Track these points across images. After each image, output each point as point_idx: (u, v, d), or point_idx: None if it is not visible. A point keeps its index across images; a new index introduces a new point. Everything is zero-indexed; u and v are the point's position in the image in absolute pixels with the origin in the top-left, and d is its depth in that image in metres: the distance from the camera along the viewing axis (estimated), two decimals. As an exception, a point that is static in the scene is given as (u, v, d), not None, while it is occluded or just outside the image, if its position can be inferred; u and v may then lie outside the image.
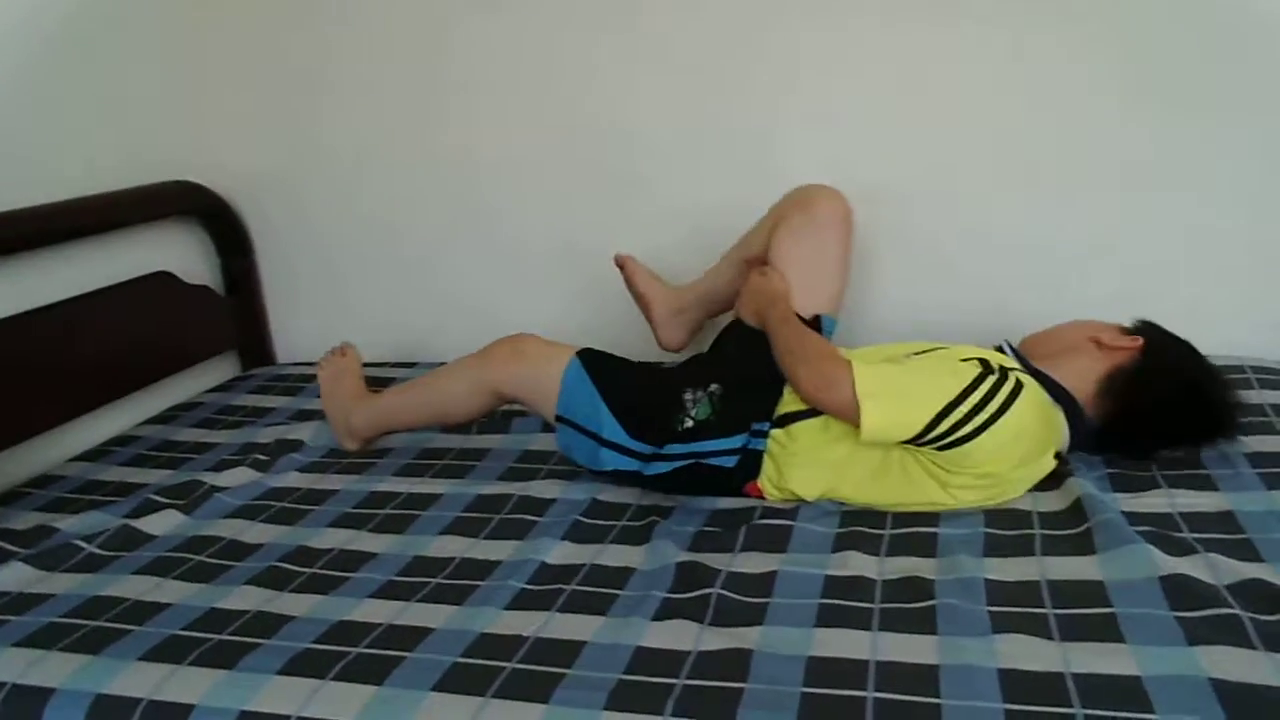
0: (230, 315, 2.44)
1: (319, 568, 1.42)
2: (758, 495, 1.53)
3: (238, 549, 1.50)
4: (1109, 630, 1.10)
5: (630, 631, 1.18)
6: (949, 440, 1.36)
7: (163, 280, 2.23)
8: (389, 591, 1.33)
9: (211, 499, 1.67)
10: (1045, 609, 1.16)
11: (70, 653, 1.22)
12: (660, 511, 1.51)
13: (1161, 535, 1.28)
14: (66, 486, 1.82)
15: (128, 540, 1.54)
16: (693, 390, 1.57)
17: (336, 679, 1.12)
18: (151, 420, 2.15)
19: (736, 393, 1.56)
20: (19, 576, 1.43)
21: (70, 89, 2.05)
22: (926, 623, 1.15)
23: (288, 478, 1.77)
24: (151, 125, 2.28)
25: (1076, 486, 1.43)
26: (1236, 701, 0.96)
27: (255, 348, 2.51)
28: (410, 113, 2.29)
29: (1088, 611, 1.14)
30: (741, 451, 1.52)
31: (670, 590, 1.26)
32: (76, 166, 2.05)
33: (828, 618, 1.18)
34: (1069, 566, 1.25)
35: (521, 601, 1.27)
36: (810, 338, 1.57)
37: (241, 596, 1.34)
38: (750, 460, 1.52)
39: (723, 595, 1.24)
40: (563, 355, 1.62)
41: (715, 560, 1.33)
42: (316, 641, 1.21)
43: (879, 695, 1.03)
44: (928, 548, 1.33)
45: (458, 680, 1.11)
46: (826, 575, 1.27)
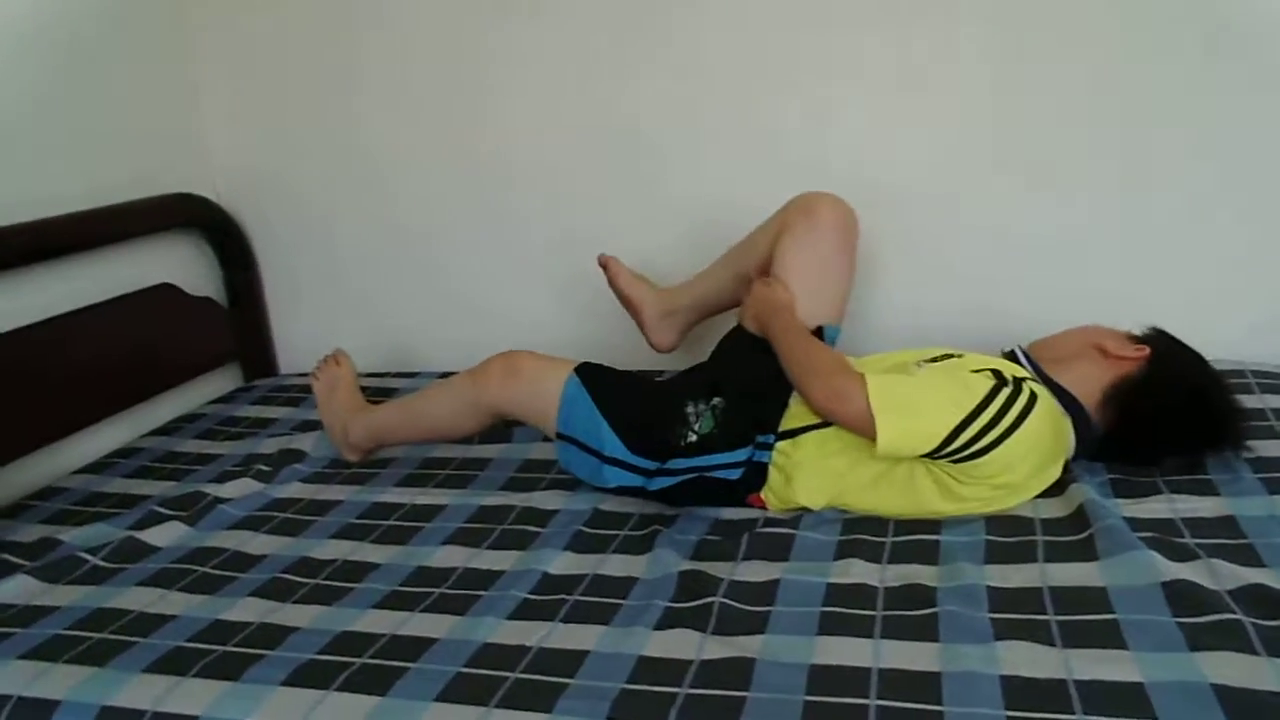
0: (233, 327, 2.45)
1: (322, 579, 1.42)
2: (760, 506, 1.53)
3: (241, 560, 1.50)
4: (1111, 636, 1.10)
5: (633, 641, 1.18)
6: (965, 454, 1.36)
7: (166, 292, 2.24)
8: (392, 602, 1.33)
9: (215, 510, 1.67)
10: (1047, 615, 1.16)
11: (75, 665, 1.22)
12: (662, 521, 1.51)
13: (1163, 541, 1.28)
14: (70, 498, 1.82)
15: (131, 552, 1.54)
16: (695, 403, 1.56)
17: (340, 690, 1.13)
18: (154, 432, 2.16)
19: (739, 405, 1.56)
20: (24, 589, 1.43)
21: (73, 103, 2.06)
22: (928, 630, 1.15)
23: (290, 488, 1.77)
24: (154, 138, 2.29)
25: (1078, 492, 1.43)
26: (1239, 707, 0.96)
27: (258, 359, 2.51)
28: (410, 123, 2.30)
29: (1090, 618, 1.14)
30: (746, 464, 1.52)
31: (672, 599, 1.27)
32: (80, 180, 2.06)
33: (830, 626, 1.18)
34: (1071, 573, 1.25)
35: (524, 611, 1.28)
36: (820, 349, 1.56)
37: (245, 608, 1.34)
38: (754, 472, 1.52)
39: (725, 604, 1.24)
40: (559, 371, 1.61)
41: (717, 569, 1.33)
42: (320, 653, 1.21)
43: (881, 703, 1.03)
44: (929, 555, 1.33)
45: (461, 690, 1.11)
46: (828, 583, 1.28)
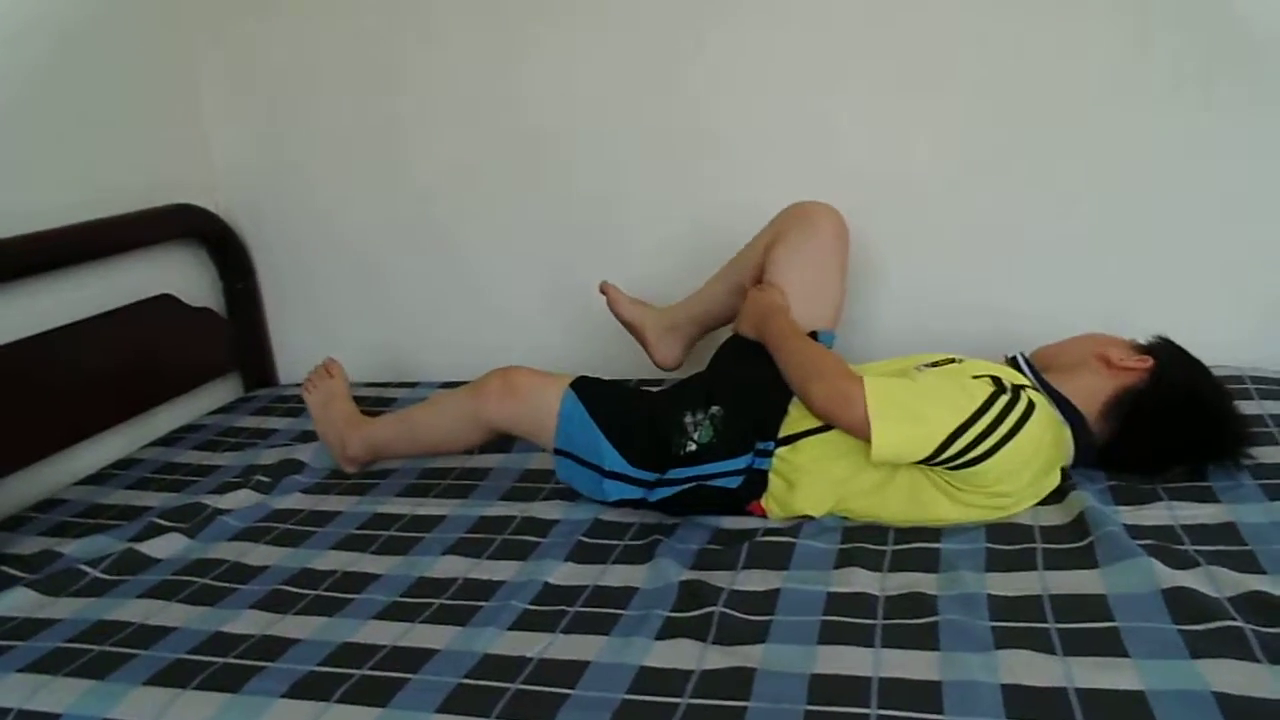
0: (232, 337, 2.45)
1: (323, 590, 1.42)
2: (760, 514, 1.53)
3: (241, 571, 1.50)
4: (1112, 644, 1.10)
5: (633, 651, 1.18)
6: (961, 461, 1.36)
7: (164, 303, 2.24)
8: (392, 613, 1.33)
9: (215, 521, 1.68)
10: (1047, 623, 1.16)
11: (75, 678, 1.22)
12: (662, 530, 1.51)
13: (1163, 548, 1.28)
14: (70, 510, 1.82)
15: (131, 564, 1.54)
16: (693, 413, 1.56)
17: (341, 701, 1.13)
18: (154, 443, 2.15)
19: (738, 413, 1.55)
20: (23, 601, 1.43)
21: (72, 114, 2.06)
22: (929, 639, 1.15)
23: (290, 499, 1.77)
24: (154, 149, 2.29)
25: (1078, 500, 1.43)
26: (1239, 715, 0.96)
27: (257, 369, 2.51)
28: (409, 135, 2.31)
29: (1090, 626, 1.14)
30: (746, 472, 1.52)
31: (673, 609, 1.27)
32: (79, 191, 2.06)
33: (830, 635, 1.18)
34: (1071, 580, 1.25)
35: (525, 622, 1.28)
36: (820, 352, 1.56)
37: (245, 620, 1.34)
38: (755, 480, 1.52)
39: (725, 613, 1.24)
40: (556, 387, 1.61)
41: (718, 578, 1.33)
42: (321, 664, 1.21)
43: (882, 712, 1.03)
44: (929, 563, 1.33)
45: (462, 701, 1.11)
46: (829, 592, 1.27)
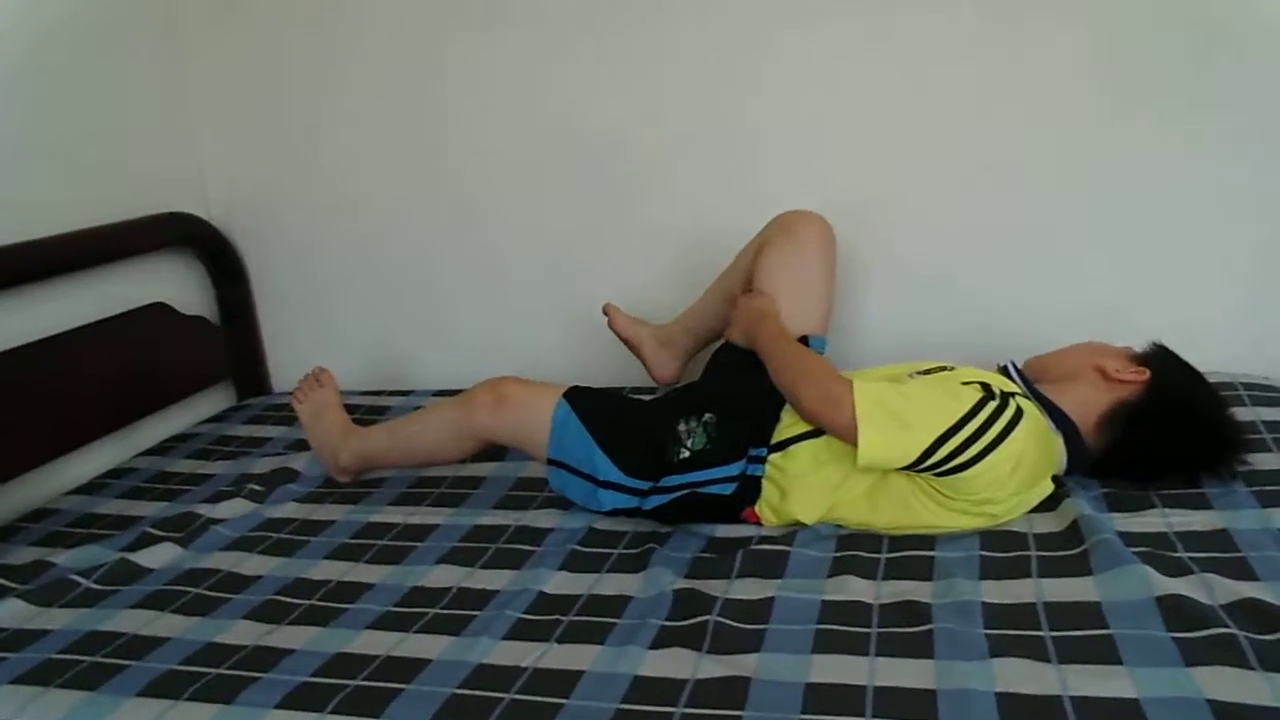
0: (225, 346, 2.45)
1: (316, 599, 1.42)
2: (755, 522, 1.53)
3: (235, 581, 1.50)
4: (1106, 652, 1.10)
5: (628, 660, 1.17)
6: (946, 467, 1.35)
7: (158, 311, 2.24)
8: (386, 623, 1.33)
9: (208, 531, 1.67)
10: (1042, 631, 1.16)
11: (68, 689, 1.21)
12: (657, 539, 1.51)
13: (1157, 555, 1.29)
14: (63, 520, 1.81)
15: (125, 574, 1.53)
16: (686, 421, 1.56)
17: (335, 712, 1.12)
18: (147, 452, 2.15)
19: (731, 419, 1.56)
20: (15, 612, 1.42)
21: (64, 123, 2.06)
22: (924, 647, 1.15)
23: (284, 508, 1.76)
24: (146, 157, 2.29)
25: (1072, 507, 1.43)
26: (1234, 722, 0.96)
27: (251, 378, 2.51)
28: (402, 144, 2.31)
29: (1085, 633, 1.14)
30: (740, 479, 1.52)
31: (667, 618, 1.26)
32: (71, 200, 2.05)
33: (825, 643, 1.18)
34: (1065, 588, 1.25)
35: (519, 631, 1.27)
36: (810, 357, 1.57)
37: (239, 630, 1.34)
38: (748, 486, 1.52)
39: (720, 622, 1.24)
40: (548, 397, 1.61)
41: (712, 587, 1.33)
42: (315, 674, 1.20)
43: (877, 721, 1.03)
44: (924, 571, 1.34)
45: (456, 711, 1.11)
46: (823, 600, 1.27)
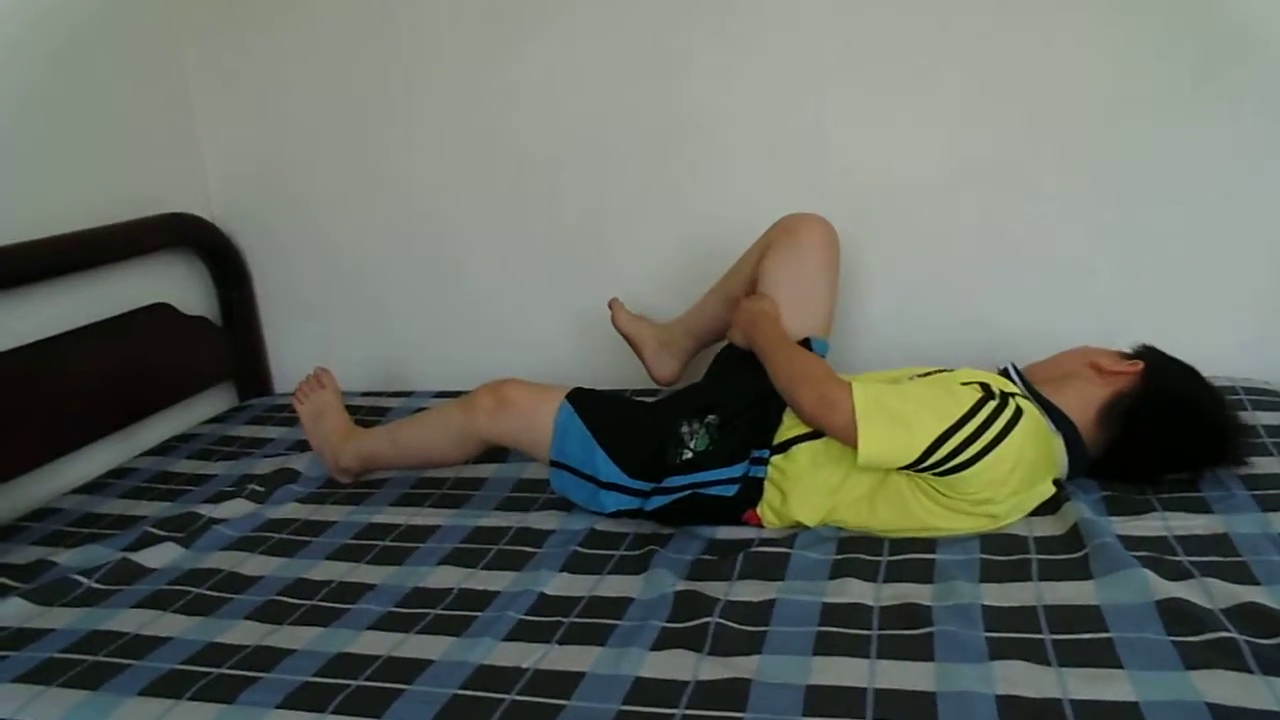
0: (227, 346, 2.45)
1: (318, 600, 1.42)
2: (756, 523, 1.53)
3: (236, 581, 1.50)
4: (1106, 655, 1.10)
5: (629, 662, 1.18)
6: (946, 467, 1.36)
7: (160, 312, 2.24)
8: (388, 623, 1.33)
9: (209, 531, 1.67)
10: (1042, 634, 1.16)
11: (69, 688, 1.21)
12: (658, 540, 1.51)
13: (1157, 559, 1.29)
14: (64, 520, 1.82)
15: (126, 574, 1.54)
16: (689, 422, 1.57)
17: (336, 712, 1.12)
18: (149, 452, 2.15)
19: (734, 421, 1.56)
20: (17, 611, 1.43)
21: (66, 123, 2.06)
22: (924, 650, 1.15)
23: (285, 509, 1.77)
24: (148, 158, 2.30)
25: (1073, 511, 1.43)
26: (1233, 726, 0.96)
27: (252, 378, 2.51)
28: (407, 141, 2.31)
29: (1085, 637, 1.14)
30: (742, 480, 1.52)
31: (668, 620, 1.27)
32: (73, 200, 2.06)
33: (825, 646, 1.18)
34: (1066, 591, 1.25)
35: (520, 633, 1.27)
36: (808, 359, 1.57)
37: (240, 630, 1.34)
38: (751, 488, 1.52)
39: (721, 624, 1.24)
40: (550, 399, 1.61)
41: (713, 589, 1.33)
42: (316, 675, 1.20)
43: (878, 723, 1.03)
44: (925, 573, 1.34)
45: (457, 712, 1.11)
46: (824, 603, 1.28)
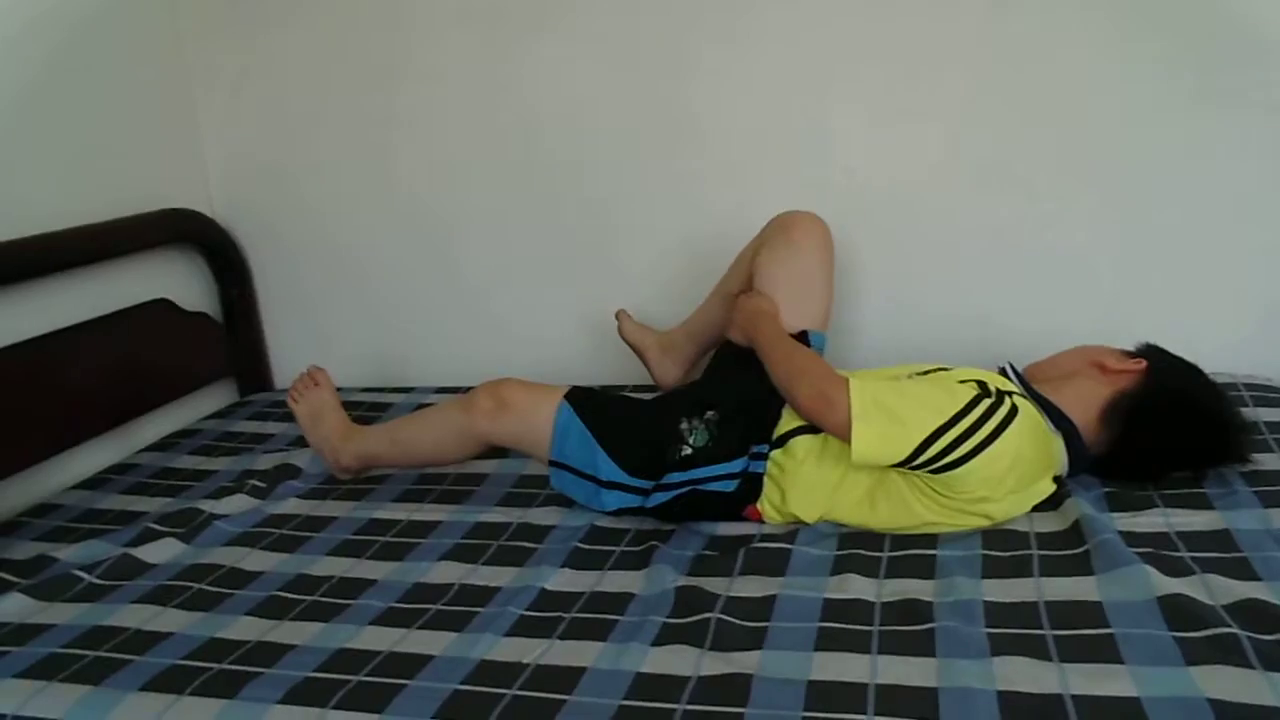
0: (228, 342, 2.45)
1: (319, 595, 1.42)
2: (757, 519, 1.53)
3: (237, 577, 1.50)
4: (1107, 651, 1.10)
5: (630, 657, 1.18)
6: (940, 465, 1.36)
7: (161, 308, 2.24)
8: (389, 619, 1.33)
9: (210, 527, 1.67)
10: (1043, 630, 1.16)
11: (71, 684, 1.21)
12: (659, 536, 1.51)
13: (1159, 555, 1.29)
14: (65, 515, 1.82)
15: (127, 569, 1.54)
16: (688, 419, 1.57)
17: (337, 708, 1.13)
18: (150, 448, 2.15)
19: (733, 417, 1.56)
20: (19, 607, 1.43)
21: (66, 119, 2.06)
22: (925, 645, 1.15)
23: (286, 504, 1.77)
24: (149, 154, 2.29)
25: (1074, 507, 1.43)
26: (1235, 722, 0.96)
27: (253, 374, 2.51)
28: (407, 138, 2.31)
29: (1086, 633, 1.15)
30: (742, 475, 1.52)
31: (670, 615, 1.27)
32: (74, 196, 2.06)
33: (827, 641, 1.18)
34: (1067, 587, 1.25)
35: (521, 628, 1.28)
36: (806, 355, 1.57)
37: (242, 625, 1.34)
38: (750, 484, 1.52)
39: (722, 620, 1.24)
40: (549, 399, 1.61)
41: (714, 584, 1.33)
42: (317, 670, 1.21)
43: (879, 719, 1.03)
44: (926, 570, 1.34)
45: (458, 708, 1.11)
46: (825, 598, 1.28)
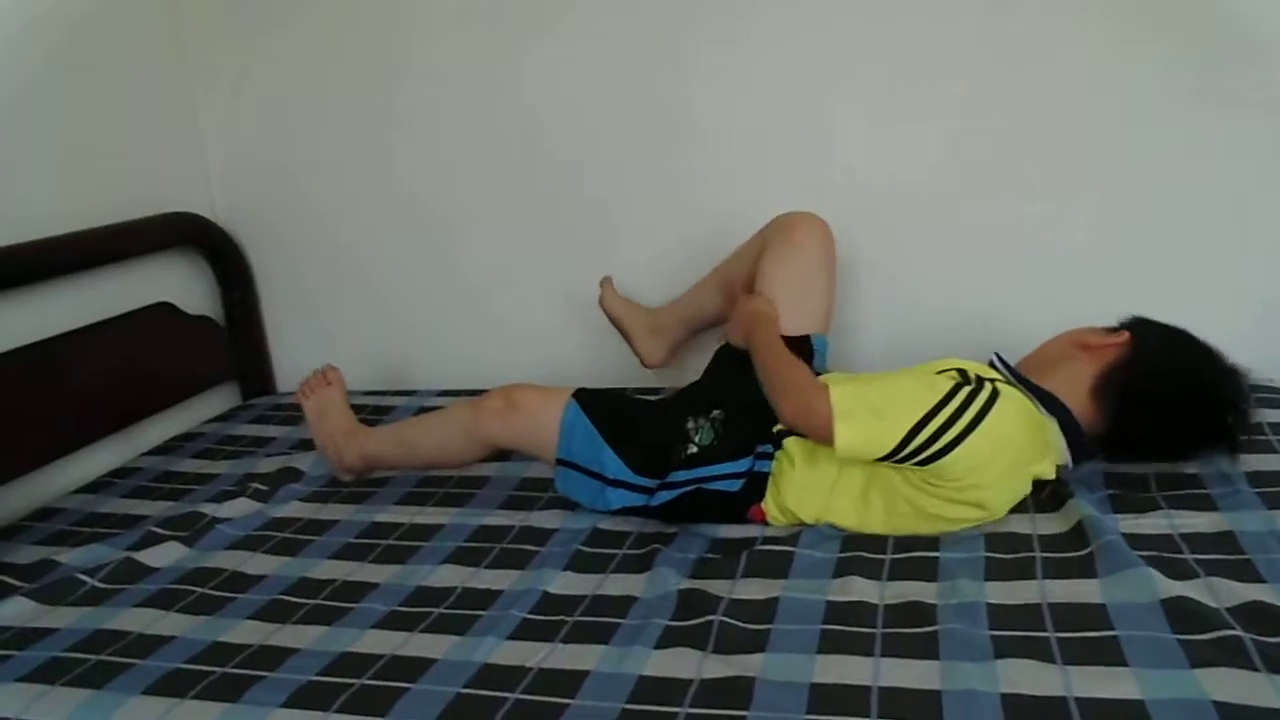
0: (230, 345, 2.45)
1: (321, 599, 1.42)
2: (761, 520, 1.53)
3: (240, 581, 1.50)
4: (1111, 654, 1.10)
5: (633, 660, 1.18)
6: (926, 455, 1.35)
7: (163, 311, 2.24)
8: (391, 622, 1.33)
9: (213, 530, 1.67)
10: (1047, 633, 1.16)
11: (74, 687, 1.22)
12: (662, 539, 1.51)
13: (1162, 558, 1.28)
14: (68, 519, 1.82)
15: (130, 573, 1.54)
16: (694, 418, 1.58)
17: (340, 711, 1.12)
18: (152, 451, 2.15)
19: (739, 416, 1.57)
20: (21, 611, 1.43)
21: (68, 122, 2.06)
22: (928, 648, 1.15)
23: (288, 508, 1.77)
24: (152, 157, 2.30)
25: (1077, 509, 1.43)
26: (1239, 724, 0.96)
27: (255, 378, 2.51)
28: (409, 140, 2.31)
29: (1089, 635, 1.14)
30: (747, 475, 1.52)
31: (672, 618, 1.26)
32: (77, 200, 2.06)
33: (829, 644, 1.18)
34: (1070, 590, 1.25)
35: (524, 631, 1.28)
36: (791, 365, 1.56)
37: (244, 629, 1.34)
38: (755, 483, 1.52)
39: (724, 622, 1.24)
40: (558, 400, 1.62)
41: (716, 587, 1.33)
42: (320, 674, 1.21)
43: (882, 721, 1.03)
44: (928, 572, 1.33)
45: (461, 711, 1.11)
46: (828, 601, 1.28)
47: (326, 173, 2.39)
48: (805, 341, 1.70)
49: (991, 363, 1.56)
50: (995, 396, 1.37)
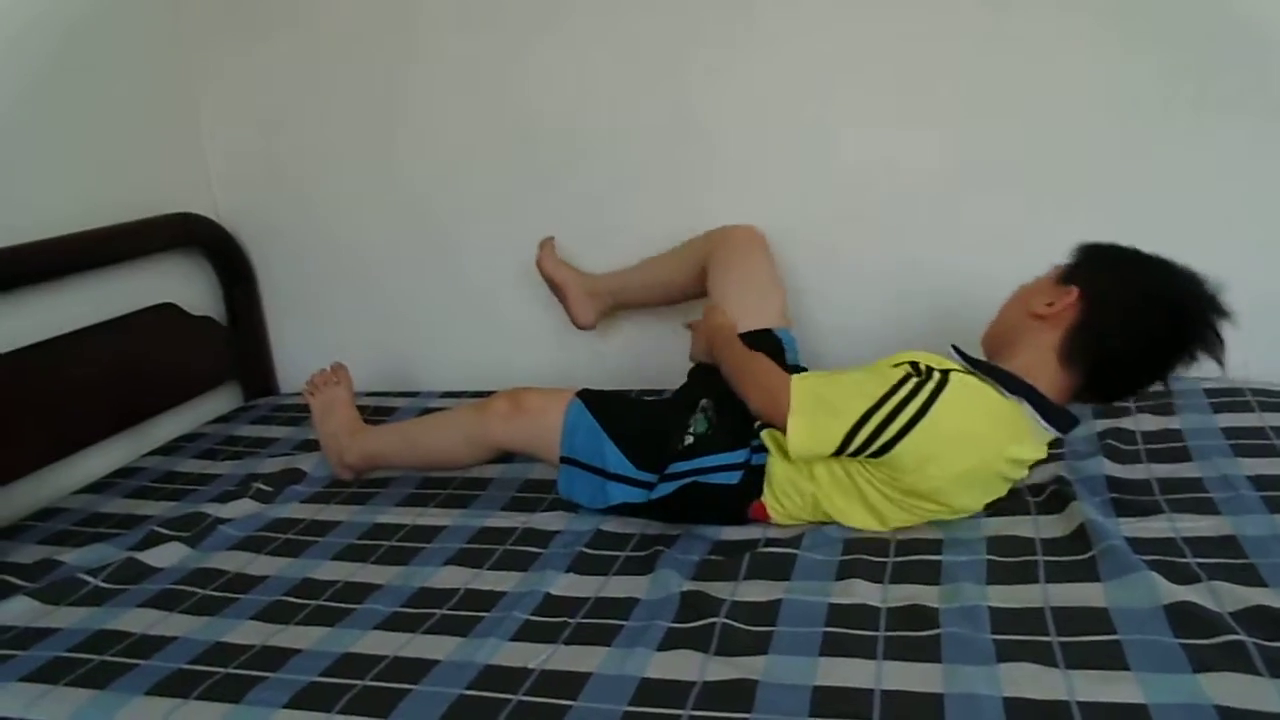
0: (233, 346, 2.45)
1: (323, 600, 1.42)
2: (763, 517, 1.53)
3: (242, 581, 1.50)
4: (1114, 658, 1.10)
5: (635, 662, 1.18)
6: (873, 448, 1.36)
7: (166, 312, 2.25)
8: (393, 623, 1.33)
9: (215, 531, 1.67)
10: (1049, 636, 1.16)
11: (76, 687, 1.22)
12: (664, 541, 1.51)
13: (1165, 562, 1.28)
14: (70, 519, 1.82)
15: (132, 573, 1.54)
16: (691, 410, 1.61)
17: (342, 712, 1.13)
18: (155, 451, 2.15)
19: (732, 405, 1.57)
20: (23, 611, 1.43)
21: (71, 123, 2.07)
22: (931, 651, 1.15)
23: (290, 508, 1.77)
24: (154, 158, 2.30)
25: (1079, 512, 1.42)
26: (1242, 729, 0.96)
27: (258, 378, 2.51)
28: (412, 141, 2.31)
29: (1092, 639, 1.14)
30: (744, 467, 1.52)
31: (674, 620, 1.27)
32: (80, 200, 2.06)
33: (832, 646, 1.18)
34: (1073, 593, 1.25)
35: (526, 633, 1.28)
36: (760, 362, 1.58)
37: (247, 629, 1.34)
38: (754, 477, 1.52)
39: (727, 624, 1.24)
40: (562, 401, 1.64)
41: (719, 589, 1.33)
42: (322, 675, 1.21)
43: (884, 725, 1.03)
44: (931, 575, 1.33)
45: (463, 712, 1.11)
46: (830, 603, 1.27)
47: (328, 173, 2.39)
48: (769, 335, 1.74)
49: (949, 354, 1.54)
50: (943, 385, 1.36)
